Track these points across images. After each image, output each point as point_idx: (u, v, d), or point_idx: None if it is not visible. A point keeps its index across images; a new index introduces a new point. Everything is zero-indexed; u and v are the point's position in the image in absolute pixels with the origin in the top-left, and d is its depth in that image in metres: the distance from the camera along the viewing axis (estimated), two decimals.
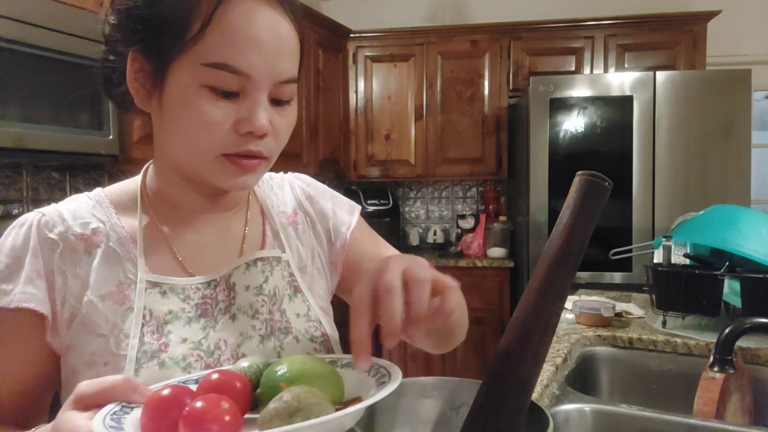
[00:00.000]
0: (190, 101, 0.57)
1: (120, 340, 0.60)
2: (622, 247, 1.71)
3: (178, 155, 0.63)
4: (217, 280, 0.66)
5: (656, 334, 1.33)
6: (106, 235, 0.64)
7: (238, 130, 0.58)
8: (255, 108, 0.58)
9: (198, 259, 0.67)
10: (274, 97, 0.60)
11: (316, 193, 0.80)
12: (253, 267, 0.68)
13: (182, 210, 0.69)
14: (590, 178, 0.50)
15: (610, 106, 2.74)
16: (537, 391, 0.96)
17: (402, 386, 0.60)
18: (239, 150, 0.59)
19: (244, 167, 0.61)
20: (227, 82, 0.57)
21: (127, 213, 0.67)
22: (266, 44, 0.57)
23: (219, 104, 0.57)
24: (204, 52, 0.56)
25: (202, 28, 0.56)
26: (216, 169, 0.61)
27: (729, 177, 2.68)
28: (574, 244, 0.50)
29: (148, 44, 0.59)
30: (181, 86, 0.58)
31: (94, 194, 0.69)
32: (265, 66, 0.57)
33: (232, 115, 0.58)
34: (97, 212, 0.66)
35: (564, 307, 0.53)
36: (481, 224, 3.38)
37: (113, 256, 0.64)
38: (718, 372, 0.95)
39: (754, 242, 1.23)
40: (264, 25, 0.57)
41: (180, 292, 0.64)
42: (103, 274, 0.63)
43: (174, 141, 0.61)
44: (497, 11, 3.57)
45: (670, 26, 3.11)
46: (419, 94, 3.42)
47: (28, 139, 1.72)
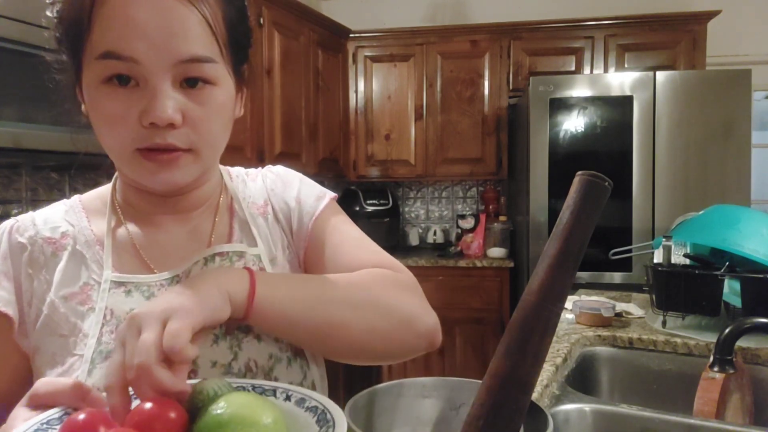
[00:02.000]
0: (94, 99, 0.57)
1: (80, 340, 0.60)
2: (622, 247, 1.70)
3: (111, 157, 0.62)
4: (179, 275, 0.65)
5: (656, 334, 1.33)
6: (73, 238, 0.65)
7: (142, 123, 0.55)
8: (154, 96, 0.55)
9: (164, 258, 0.67)
10: (183, 77, 0.56)
11: (284, 182, 0.77)
12: (211, 262, 0.66)
13: (146, 212, 0.68)
14: (590, 178, 0.50)
15: (610, 106, 2.74)
16: (537, 391, 0.96)
17: (402, 386, 0.60)
18: (149, 143, 0.56)
19: (163, 162, 0.57)
20: (118, 70, 0.54)
21: (98, 217, 0.68)
22: (150, 25, 0.54)
23: (117, 97, 0.55)
24: (94, 45, 0.55)
25: (89, 23, 0.55)
26: (136, 167, 0.59)
27: (729, 177, 2.68)
28: (574, 244, 0.50)
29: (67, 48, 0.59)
30: (88, 86, 0.57)
31: (70, 200, 0.71)
32: (153, 48, 0.54)
33: (135, 107, 0.55)
34: (69, 217, 0.67)
35: (564, 307, 0.53)
36: (481, 224, 3.38)
37: (79, 258, 0.64)
38: (718, 372, 0.95)
39: (754, 242, 1.23)
40: (148, 8, 0.54)
41: (145, 289, 0.63)
42: (67, 276, 0.63)
43: (102, 143, 0.60)
44: (497, 11, 3.57)
45: (670, 26, 3.11)
46: (419, 94, 3.42)
47: (27, 139, 1.72)
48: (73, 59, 0.59)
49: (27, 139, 1.72)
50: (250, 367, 0.62)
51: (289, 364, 0.65)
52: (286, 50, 2.85)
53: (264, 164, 2.91)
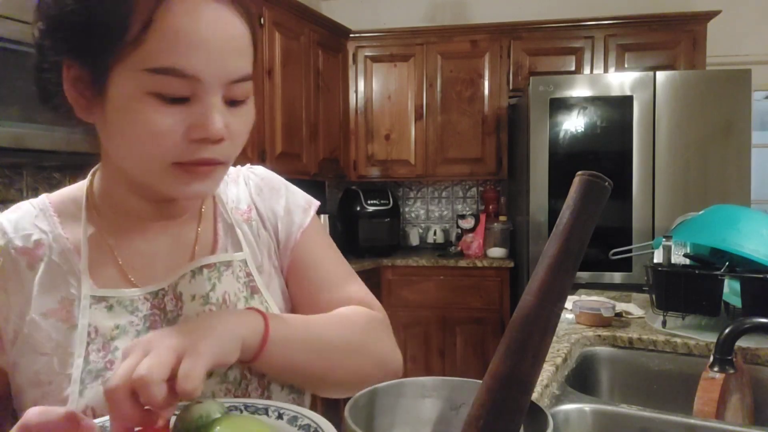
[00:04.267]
0: (134, 110, 0.53)
1: (64, 359, 0.58)
2: (622, 247, 1.71)
3: (125, 165, 0.59)
4: (165, 289, 0.63)
5: (656, 334, 1.33)
6: (48, 247, 0.61)
7: (190, 137, 0.54)
8: (209, 112, 0.53)
9: (146, 269, 0.64)
10: (228, 98, 0.56)
11: (269, 189, 0.76)
12: (199, 275, 0.65)
13: (130, 217, 0.65)
14: (590, 178, 0.50)
15: (610, 106, 2.74)
16: (537, 391, 0.96)
17: (402, 386, 0.60)
18: (192, 158, 0.55)
19: (199, 174, 0.56)
20: (175, 88, 0.52)
21: (72, 222, 0.64)
22: (213, 43, 0.53)
23: (167, 111, 0.53)
24: (146, 56, 0.51)
25: (143, 31, 0.51)
26: (168, 179, 0.56)
27: (729, 177, 2.68)
28: (574, 244, 0.50)
29: (83, 51, 0.54)
30: (123, 95, 0.53)
31: (38, 202, 0.65)
32: (214, 66, 0.53)
33: (182, 122, 0.53)
34: (40, 222, 0.63)
35: (564, 307, 0.53)
36: (481, 224, 3.38)
37: (56, 270, 0.61)
38: (718, 372, 0.95)
39: (754, 242, 1.23)
40: (210, 23, 0.52)
41: (128, 304, 0.61)
42: (45, 290, 0.60)
43: (121, 151, 0.57)
44: (497, 11, 3.57)
45: (670, 26, 3.11)
46: (419, 94, 3.42)
47: (28, 139, 1.72)
48: (96, 63, 0.54)
49: (29, 139, 1.72)
50: (245, 374, 0.63)
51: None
52: (286, 50, 2.85)
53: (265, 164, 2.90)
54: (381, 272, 3.23)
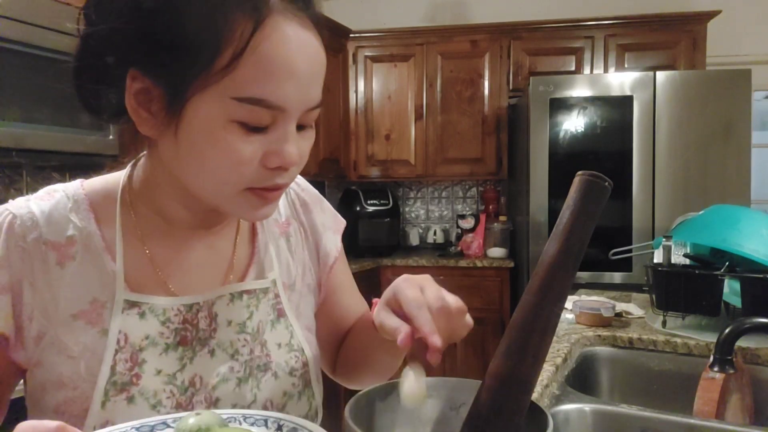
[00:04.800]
0: (217, 137, 0.51)
1: (92, 365, 0.56)
2: (622, 247, 1.71)
3: (196, 186, 0.56)
4: (200, 304, 0.61)
5: (656, 334, 1.33)
6: (82, 245, 0.58)
7: (266, 164, 0.53)
8: (287, 141, 0.53)
9: (181, 278, 0.62)
10: (301, 123, 0.55)
11: (311, 201, 0.75)
12: (238, 300, 0.63)
13: (172, 221, 0.62)
14: (590, 178, 0.50)
15: (610, 106, 2.74)
16: (537, 391, 0.96)
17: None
18: (267, 184, 0.55)
19: (269, 199, 0.56)
20: (260, 118, 0.51)
21: (107, 218, 0.60)
22: (302, 73, 0.52)
23: (249, 139, 0.51)
24: (236, 84, 0.49)
25: (235, 58, 0.48)
26: (239, 203, 0.56)
27: (729, 177, 2.68)
28: (574, 244, 0.50)
29: (160, 69, 0.51)
30: (205, 120, 0.51)
31: (73, 192, 0.62)
32: (299, 95, 0.52)
33: (261, 149, 0.53)
34: (74, 216, 0.59)
35: (564, 307, 0.53)
36: (481, 224, 3.38)
37: (88, 270, 0.58)
38: (718, 372, 0.95)
39: (754, 242, 1.23)
40: (299, 52, 0.51)
41: (160, 313, 0.59)
42: (76, 291, 0.57)
43: (194, 174, 0.55)
44: (497, 11, 3.57)
45: (670, 26, 3.11)
46: (419, 94, 3.42)
47: (28, 139, 1.72)
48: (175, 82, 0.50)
49: (29, 139, 1.72)
50: (266, 406, 0.62)
51: (299, 399, 0.66)
52: None
53: None
54: (381, 272, 3.23)
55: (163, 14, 0.49)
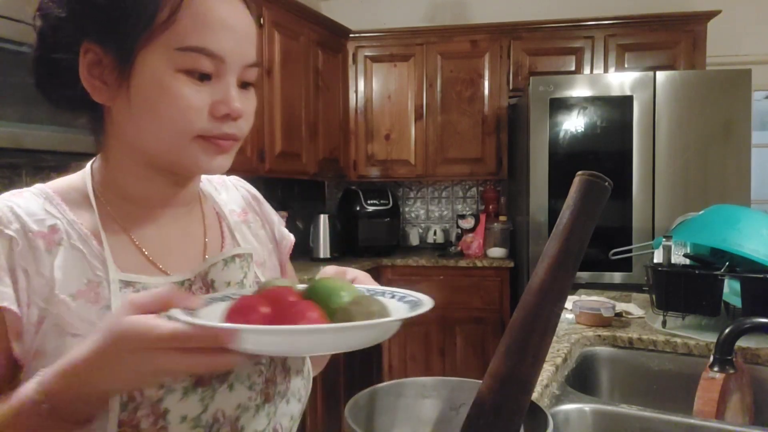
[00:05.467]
0: (166, 87, 0.57)
1: None
2: (622, 247, 1.71)
3: (150, 142, 0.60)
4: (191, 279, 0.65)
5: (656, 334, 1.33)
6: (65, 233, 0.60)
7: (214, 113, 0.59)
8: (229, 90, 0.59)
9: (166, 256, 0.65)
10: (241, 80, 0.61)
11: (258, 196, 0.83)
12: (232, 263, 0.68)
13: (140, 205, 0.66)
14: (590, 178, 0.50)
15: (610, 106, 2.74)
16: (537, 391, 0.96)
17: (402, 386, 0.60)
18: (215, 132, 0.59)
19: (221, 148, 0.61)
20: (203, 65, 0.57)
21: (81, 209, 0.63)
22: (235, 28, 0.59)
23: (195, 87, 0.58)
24: (177, 36, 0.56)
25: (173, 12, 0.56)
26: (192, 152, 0.60)
27: (729, 177, 2.68)
28: (574, 244, 0.50)
29: (108, 34, 0.57)
30: (154, 73, 0.57)
31: (39, 190, 0.64)
32: (237, 49, 0.59)
33: (207, 98, 0.58)
34: (49, 208, 0.62)
35: (564, 307, 0.53)
36: (481, 224, 3.38)
37: (77, 254, 0.60)
38: (718, 372, 0.95)
39: (754, 242, 1.23)
40: (231, 11, 0.59)
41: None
42: (69, 273, 0.59)
43: (147, 129, 0.59)
44: (497, 11, 3.57)
45: (670, 26, 3.11)
46: (419, 94, 3.42)
47: (27, 140, 1.72)
48: (122, 45, 0.57)
49: (27, 140, 1.72)
50: (218, 418, 0.61)
51: (256, 412, 0.64)
52: (286, 50, 2.85)
53: (264, 164, 2.90)
54: (381, 272, 3.23)
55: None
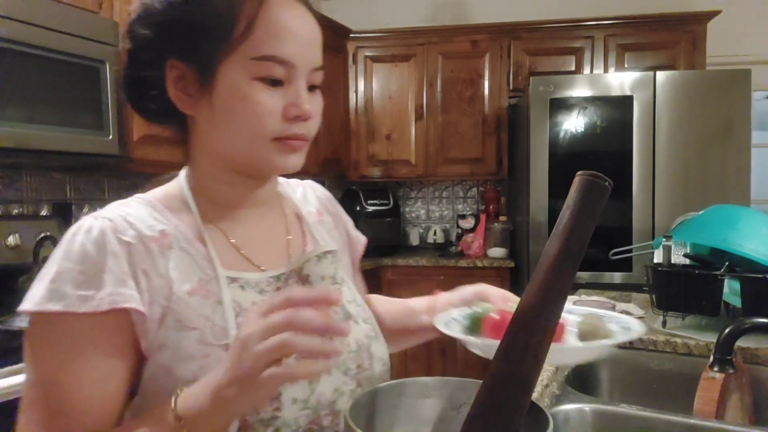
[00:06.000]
0: (244, 94, 0.62)
1: (215, 331, 0.62)
2: (622, 247, 1.71)
3: (231, 146, 0.66)
4: (286, 273, 0.71)
5: (656, 334, 1.33)
6: (174, 237, 0.66)
7: (286, 116, 0.64)
8: (300, 94, 0.64)
9: (256, 253, 0.71)
10: (309, 83, 0.66)
11: (333, 200, 0.89)
12: (324, 259, 0.73)
13: (227, 207, 0.72)
14: (590, 178, 0.50)
15: (610, 106, 2.74)
16: (537, 391, 0.96)
17: (403, 386, 0.60)
18: (288, 133, 0.65)
19: (294, 148, 0.66)
20: (275, 72, 0.63)
21: (181, 214, 0.69)
22: (302, 36, 0.64)
23: (269, 93, 0.63)
24: (252, 47, 0.62)
25: (249, 27, 0.62)
26: (269, 153, 0.65)
27: (729, 177, 2.68)
28: (574, 244, 0.50)
29: (190, 51, 0.64)
30: (232, 82, 0.63)
31: (142, 199, 0.69)
32: (303, 54, 0.64)
33: (280, 102, 0.64)
34: (156, 215, 0.67)
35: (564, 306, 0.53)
36: (481, 224, 3.38)
37: (186, 255, 0.66)
38: (718, 372, 0.95)
39: (754, 242, 1.23)
40: (299, 20, 0.65)
41: (254, 285, 0.68)
42: (182, 274, 0.64)
43: (228, 133, 0.65)
44: (497, 11, 3.57)
45: (670, 26, 3.11)
46: (419, 94, 3.42)
47: (29, 140, 1.72)
48: (205, 58, 0.63)
49: (30, 140, 1.72)
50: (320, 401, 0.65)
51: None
52: None
53: None
54: (381, 272, 3.23)
55: (190, 5, 0.63)
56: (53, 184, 2.24)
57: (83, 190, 2.38)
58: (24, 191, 2.13)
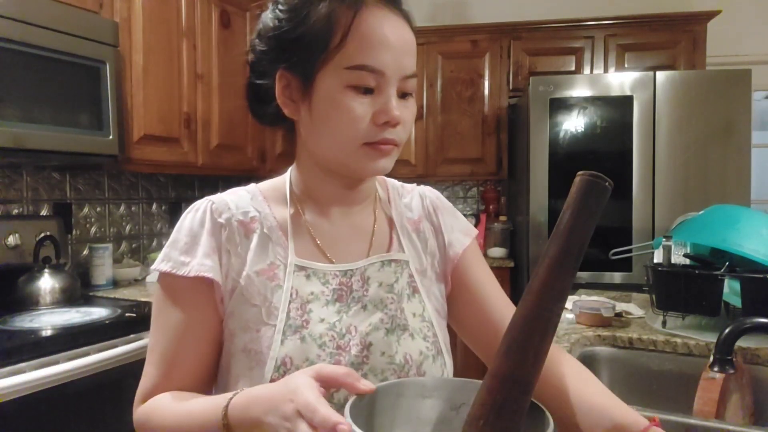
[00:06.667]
0: (338, 101, 0.67)
1: (270, 311, 0.71)
2: (622, 247, 1.71)
3: (325, 149, 0.72)
4: (353, 270, 0.75)
5: (656, 334, 1.33)
6: (260, 223, 0.75)
7: (375, 122, 0.68)
8: (389, 101, 0.68)
9: (334, 248, 0.77)
10: (401, 90, 0.69)
11: (442, 207, 0.89)
12: (387, 266, 0.77)
13: (321, 202, 0.78)
14: (591, 178, 0.50)
15: (610, 106, 2.74)
16: None
17: (402, 386, 0.60)
18: (377, 138, 0.68)
19: (383, 152, 0.70)
20: (366, 80, 0.66)
21: (277, 205, 0.78)
22: (394, 45, 0.67)
23: (361, 100, 0.67)
24: (346, 57, 0.66)
25: (343, 38, 0.66)
26: (359, 157, 0.69)
27: (729, 177, 2.68)
28: (574, 245, 0.50)
29: (295, 62, 0.70)
30: (328, 90, 0.68)
31: (250, 189, 0.80)
32: (394, 63, 0.67)
33: (371, 109, 0.67)
34: (254, 204, 0.77)
35: (564, 307, 0.53)
36: (482, 224, 3.38)
37: (266, 240, 0.75)
38: (718, 372, 0.95)
39: (754, 242, 1.23)
40: (391, 30, 0.67)
41: (321, 276, 0.74)
42: (258, 255, 0.73)
43: (323, 137, 0.71)
44: (497, 11, 3.57)
45: (670, 26, 3.10)
46: (419, 94, 3.41)
47: (29, 140, 1.72)
48: (306, 67, 0.69)
49: (29, 140, 1.72)
50: (407, 360, 0.72)
51: (433, 361, 0.75)
52: None
53: (266, 164, 2.91)
54: None
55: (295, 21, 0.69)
56: (53, 184, 2.24)
57: (83, 190, 2.38)
58: (24, 191, 2.13)
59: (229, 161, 2.71)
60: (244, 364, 0.70)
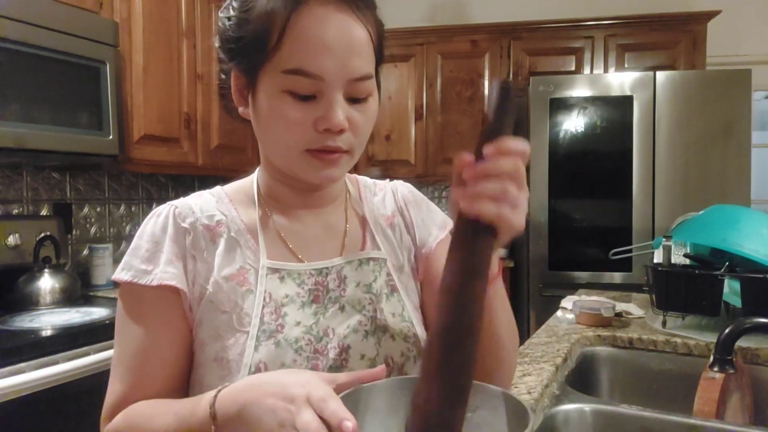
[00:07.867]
0: (274, 105, 0.64)
1: (241, 318, 0.67)
2: (622, 247, 1.71)
3: (270, 154, 0.71)
4: (329, 268, 0.73)
5: (656, 334, 1.33)
6: (227, 227, 0.72)
7: (317, 128, 0.63)
8: (330, 107, 0.63)
9: (306, 249, 0.74)
10: (349, 95, 0.65)
11: (414, 200, 0.85)
12: (365, 265, 0.75)
13: (287, 204, 0.75)
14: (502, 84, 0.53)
15: (610, 106, 2.74)
16: (537, 391, 0.96)
17: (398, 383, 0.60)
18: (319, 146, 0.65)
19: (327, 161, 0.66)
20: (302, 86, 0.62)
21: (244, 207, 0.75)
22: (336, 47, 0.62)
23: (298, 106, 0.63)
24: (282, 60, 0.62)
25: (279, 39, 0.62)
26: (302, 165, 0.67)
27: (729, 177, 2.68)
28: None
29: (241, 60, 0.67)
30: (266, 93, 0.64)
31: (215, 192, 0.77)
32: (336, 67, 0.62)
33: (311, 115, 0.63)
34: (220, 207, 0.74)
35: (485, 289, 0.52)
36: None
37: (234, 244, 0.71)
38: (718, 372, 0.95)
39: (754, 242, 1.23)
40: (333, 29, 0.62)
41: (296, 277, 0.71)
42: (225, 260, 0.70)
43: (266, 142, 0.70)
44: (497, 11, 3.57)
45: (670, 26, 3.10)
46: (419, 94, 3.41)
47: (29, 139, 1.72)
48: (249, 69, 0.66)
49: (29, 139, 1.72)
50: (388, 362, 0.70)
51: (415, 362, 0.72)
52: None
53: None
54: None
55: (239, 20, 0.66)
56: (53, 184, 2.24)
57: (83, 190, 2.38)
58: (24, 191, 2.13)
59: (229, 161, 2.71)
60: (216, 374, 0.66)
